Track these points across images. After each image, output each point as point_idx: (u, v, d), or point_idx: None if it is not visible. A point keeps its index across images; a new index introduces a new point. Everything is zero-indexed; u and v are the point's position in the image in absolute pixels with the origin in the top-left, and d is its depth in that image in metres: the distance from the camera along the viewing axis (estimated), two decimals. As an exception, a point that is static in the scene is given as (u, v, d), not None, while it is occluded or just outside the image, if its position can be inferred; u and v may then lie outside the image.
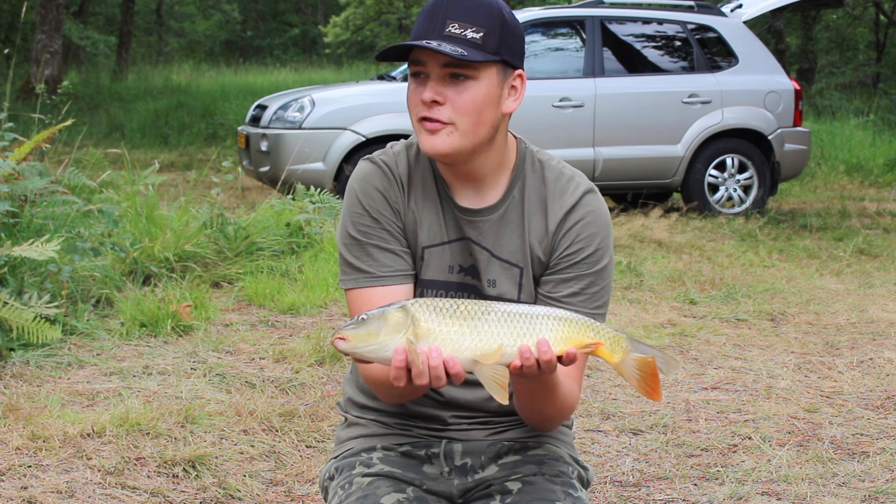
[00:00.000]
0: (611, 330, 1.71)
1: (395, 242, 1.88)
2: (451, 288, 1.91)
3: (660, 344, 4.52)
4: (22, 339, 3.97)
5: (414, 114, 1.82)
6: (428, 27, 1.76)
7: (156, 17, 31.34)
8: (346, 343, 1.61)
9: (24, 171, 4.92)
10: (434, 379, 1.61)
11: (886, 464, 3.17)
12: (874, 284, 5.98)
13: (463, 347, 1.63)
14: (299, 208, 6.20)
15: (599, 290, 1.88)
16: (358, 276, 1.88)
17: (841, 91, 18.82)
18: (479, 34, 1.75)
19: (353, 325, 1.62)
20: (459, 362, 1.62)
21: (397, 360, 1.60)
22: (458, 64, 1.76)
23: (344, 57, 27.14)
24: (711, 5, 9.35)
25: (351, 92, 8.45)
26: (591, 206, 1.89)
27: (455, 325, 1.63)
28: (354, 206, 1.89)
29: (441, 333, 1.62)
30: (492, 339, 1.64)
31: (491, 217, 1.89)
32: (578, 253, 1.87)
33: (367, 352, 1.62)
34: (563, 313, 1.69)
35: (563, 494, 1.85)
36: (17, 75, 15.92)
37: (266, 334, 4.51)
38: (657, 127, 8.57)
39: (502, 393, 1.62)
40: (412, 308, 1.63)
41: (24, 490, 2.78)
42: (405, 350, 1.60)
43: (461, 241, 1.90)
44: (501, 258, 1.90)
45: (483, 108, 1.79)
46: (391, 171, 1.90)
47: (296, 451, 3.19)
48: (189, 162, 12.16)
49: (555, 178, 1.91)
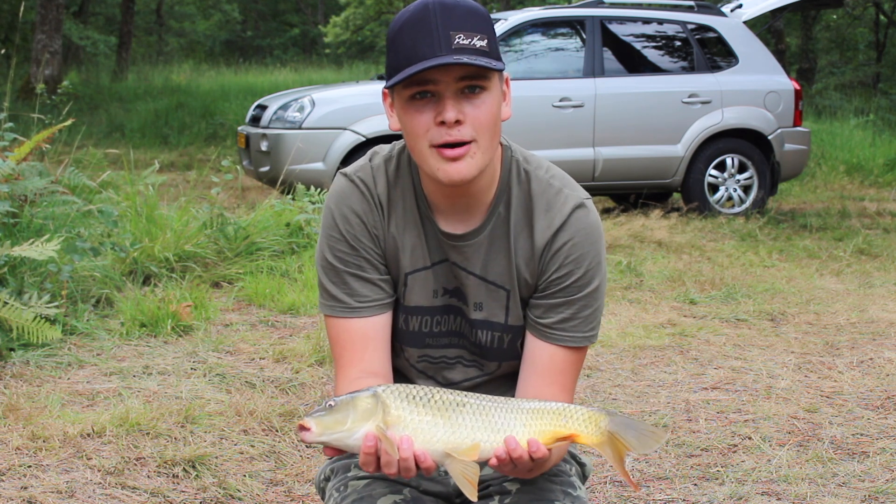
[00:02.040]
0: (586, 411, 1.64)
1: (372, 271, 1.81)
2: (436, 313, 1.85)
3: (660, 344, 4.52)
4: (22, 339, 3.97)
5: (424, 141, 1.69)
6: (430, 42, 1.63)
7: (156, 17, 31.33)
8: (312, 434, 1.56)
9: (24, 171, 4.92)
10: (403, 470, 1.56)
11: (886, 464, 3.16)
12: (874, 284, 5.98)
13: (434, 439, 1.57)
14: (299, 208, 6.20)
15: (591, 312, 1.80)
16: (334, 304, 1.82)
17: (841, 91, 18.82)
18: (485, 41, 1.66)
19: (320, 413, 1.57)
20: (430, 456, 1.57)
21: (367, 445, 1.55)
22: (475, 76, 1.66)
23: (344, 57, 27.16)
24: (711, 5, 9.35)
25: (351, 92, 8.45)
26: (581, 225, 1.78)
27: (427, 415, 1.57)
28: (331, 230, 1.81)
29: (412, 423, 1.57)
30: (465, 433, 1.58)
31: (475, 241, 1.81)
32: (568, 276, 1.78)
33: (335, 440, 1.57)
34: (537, 405, 1.63)
35: (562, 494, 1.84)
36: (17, 75, 15.92)
37: (266, 334, 4.51)
38: (657, 127, 8.57)
39: (471, 490, 1.57)
40: (383, 395, 1.57)
41: (24, 490, 2.78)
42: (375, 437, 1.55)
43: (444, 264, 1.83)
44: (487, 280, 1.82)
45: (496, 119, 1.71)
46: (370, 191, 1.80)
47: (296, 451, 3.19)
48: (189, 162, 12.16)
49: (542, 190, 1.80)
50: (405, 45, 1.65)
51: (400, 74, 1.64)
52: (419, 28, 1.64)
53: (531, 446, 1.60)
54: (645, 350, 4.43)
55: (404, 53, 1.65)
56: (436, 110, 1.67)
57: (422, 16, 1.65)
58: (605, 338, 4.59)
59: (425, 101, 1.68)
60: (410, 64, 1.64)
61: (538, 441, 1.60)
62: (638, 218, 8.03)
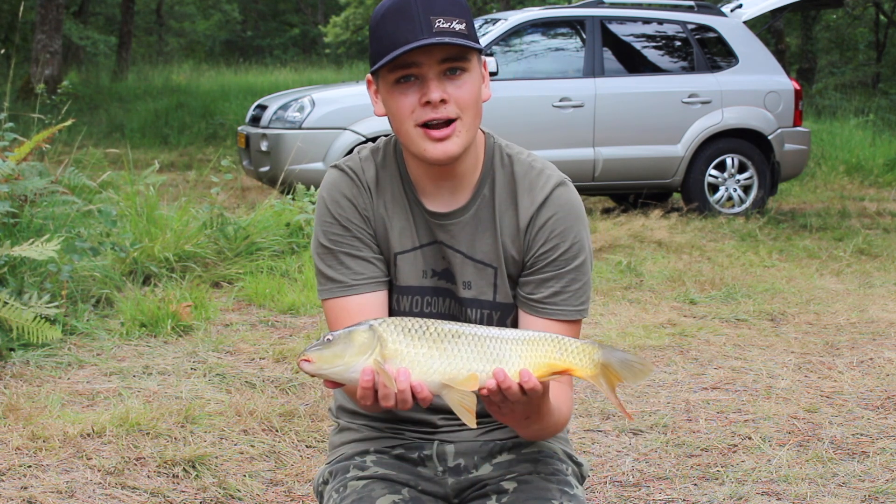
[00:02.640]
0: (580, 344, 1.67)
1: (366, 249, 1.86)
2: (426, 293, 1.89)
3: (660, 344, 4.52)
4: (22, 339, 3.98)
5: (409, 121, 1.76)
6: (412, 27, 1.70)
7: (156, 17, 31.34)
8: (312, 365, 1.58)
9: (24, 171, 4.93)
10: (400, 402, 1.59)
11: (886, 464, 3.16)
12: (874, 284, 5.98)
13: (431, 370, 1.60)
14: (299, 208, 6.20)
15: (581, 286, 1.85)
16: (332, 286, 1.86)
17: (841, 91, 18.82)
18: (463, 24, 1.73)
19: (318, 346, 1.59)
20: (427, 386, 1.59)
21: (364, 380, 1.58)
22: (457, 57, 1.73)
23: (344, 57, 27.16)
24: (711, 5, 9.35)
25: (351, 92, 8.45)
26: (563, 200, 1.84)
27: (423, 347, 1.60)
28: (324, 216, 1.87)
29: (409, 355, 1.59)
30: (461, 364, 1.61)
31: (461, 219, 1.86)
32: (554, 250, 1.83)
33: (333, 373, 1.60)
34: (533, 335, 1.65)
35: (559, 493, 1.84)
36: (17, 75, 15.92)
37: (266, 334, 4.51)
38: (657, 127, 8.57)
39: (470, 417, 1.60)
40: (380, 328, 1.60)
41: (24, 490, 2.78)
42: (372, 371, 1.58)
43: (433, 245, 1.88)
44: (475, 259, 1.87)
45: (478, 98, 1.78)
46: (358, 177, 1.87)
47: (296, 451, 3.19)
48: (189, 162, 12.16)
49: (524, 171, 1.87)
50: (388, 31, 1.72)
51: (385, 58, 1.71)
52: (401, 15, 1.72)
53: (523, 377, 1.62)
54: (645, 350, 4.43)
55: (388, 40, 1.72)
56: (420, 92, 1.74)
57: (403, 4, 1.72)
58: (605, 338, 4.59)
59: (409, 84, 1.75)
60: (394, 49, 1.70)
61: (530, 372, 1.62)
62: (638, 218, 8.03)
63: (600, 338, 4.58)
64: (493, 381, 1.61)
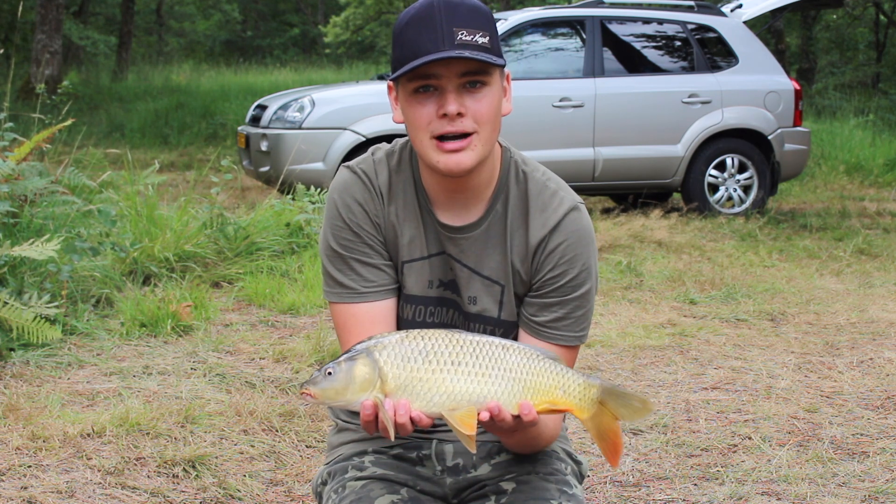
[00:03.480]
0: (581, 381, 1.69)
1: (377, 257, 1.86)
2: (430, 304, 1.89)
3: (660, 344, 4.52)
4: (22, 339, 3.97)
5: (425, 132, 1.75)
6: (434, 37, 1.69)
7: (156, 17, 31.34)
8: (314, 399, 1.63)
9: (24, 171, 4.93)
10: (400, 428, 1.62)
11: (886, 464, 3.16)
12: (874, 284, 5.98)
13: (431, 403, 1.62)
14: (299, 208, 6.20)
15: (583, 313, 1.85)
16: (341, 290, 1.86)
17: (841, 91, 18.82)
18: (487, 38, 1.72)
19: (320, 379, 1.62)
20: (426, 417, 1.62)
21: (366, 413, 1.62)
22: (477, 71, 1.72)
23: (344, 57, 27.16)
24: (711, 5, 9.35)
25: (351, 92, 8.45)
26: (575, 226, 1.83)
27: (425, 374, 1.62)
28: (335, 219, 1.86)
29: (409, 387, 1.62)
30: (461, 397, 1.63)
31: (472, 234, 1.85)
32: (561, 277, 1.83)
33: (335, 406, 1.66)
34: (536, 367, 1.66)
35: (558, 493, 1.85)
36: (17, 75, 15.92)
37: (266, 334, 4.51)
38: (657, 127, 8.57)
39: (470, 443, 1.62)
40: (381, 359, 1.62)
41: (24, 490, 2.78)
42: (374, 405, 1.62)
43: (441, 256, 1.87)
44: (482, 275, 1.86)
45: (497, 113, 1.77)
46: (371, 181, 1.86)
47: (296, 451, 3.19)
48: (189, 162, 12.16)
49: (538, 191, 1.85)
50: (410, 39, 1.71)
51: (404, 67, 1.70)
52: (424, 24, 1.70)
53: (523, 409, 1.64)
54: (645, 350, 4.43)
55: (409, 48, 1.71)
56: (438, 103, 1.73)
57: (427, 13, 1.71)
58: (605, 338, 4.59)
59: (428, 95, 1.73)
60: (415, 58, 1.69)
61: (531, 405, 1.65)
62: (638, 218, 8.03)
63: (600, 338, 4.58)
64: (486, 413, 1.62)
